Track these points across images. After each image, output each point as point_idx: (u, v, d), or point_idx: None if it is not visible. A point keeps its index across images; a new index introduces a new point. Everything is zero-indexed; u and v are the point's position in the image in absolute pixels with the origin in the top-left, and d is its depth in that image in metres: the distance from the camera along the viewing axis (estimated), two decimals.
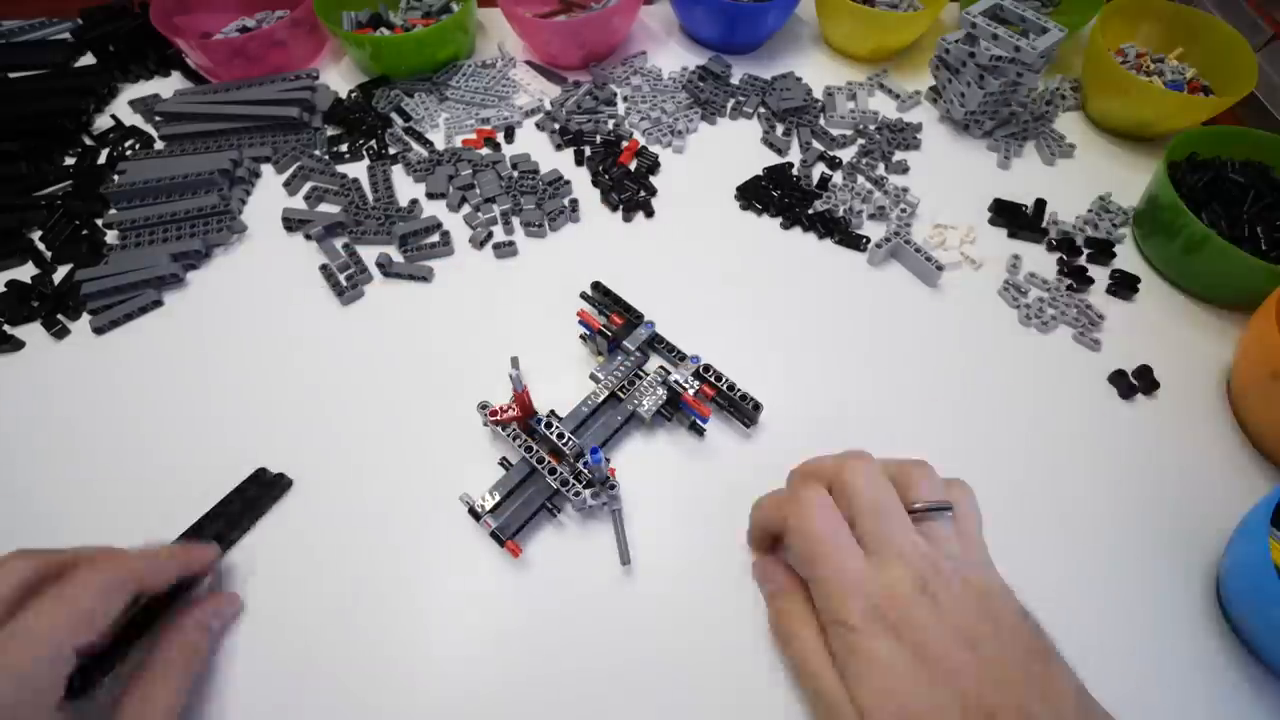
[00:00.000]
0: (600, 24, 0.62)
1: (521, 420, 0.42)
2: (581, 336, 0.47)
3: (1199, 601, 0.38)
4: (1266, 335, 0.41)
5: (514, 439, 0.41)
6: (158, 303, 0.49)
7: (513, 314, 0.49)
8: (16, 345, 0.47)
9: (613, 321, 0.45)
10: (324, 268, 0.51)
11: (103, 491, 0.41)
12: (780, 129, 0.62)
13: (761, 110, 0.63)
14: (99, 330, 0.48)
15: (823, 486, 0.32)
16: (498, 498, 0.39)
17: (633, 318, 0.46)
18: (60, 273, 0.51)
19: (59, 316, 0.48)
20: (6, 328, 0.47)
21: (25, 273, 0.51)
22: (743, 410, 0.43)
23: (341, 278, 0.50)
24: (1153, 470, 0.43)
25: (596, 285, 0.49)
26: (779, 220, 0.55)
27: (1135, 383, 0.46)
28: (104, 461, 0.42)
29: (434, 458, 0.42)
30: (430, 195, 0.56)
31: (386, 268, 0.51)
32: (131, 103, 0.62)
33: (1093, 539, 0.41)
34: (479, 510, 0.39)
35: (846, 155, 0.60)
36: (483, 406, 0.42)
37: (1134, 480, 0.43)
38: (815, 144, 0.60)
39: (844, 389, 0.46)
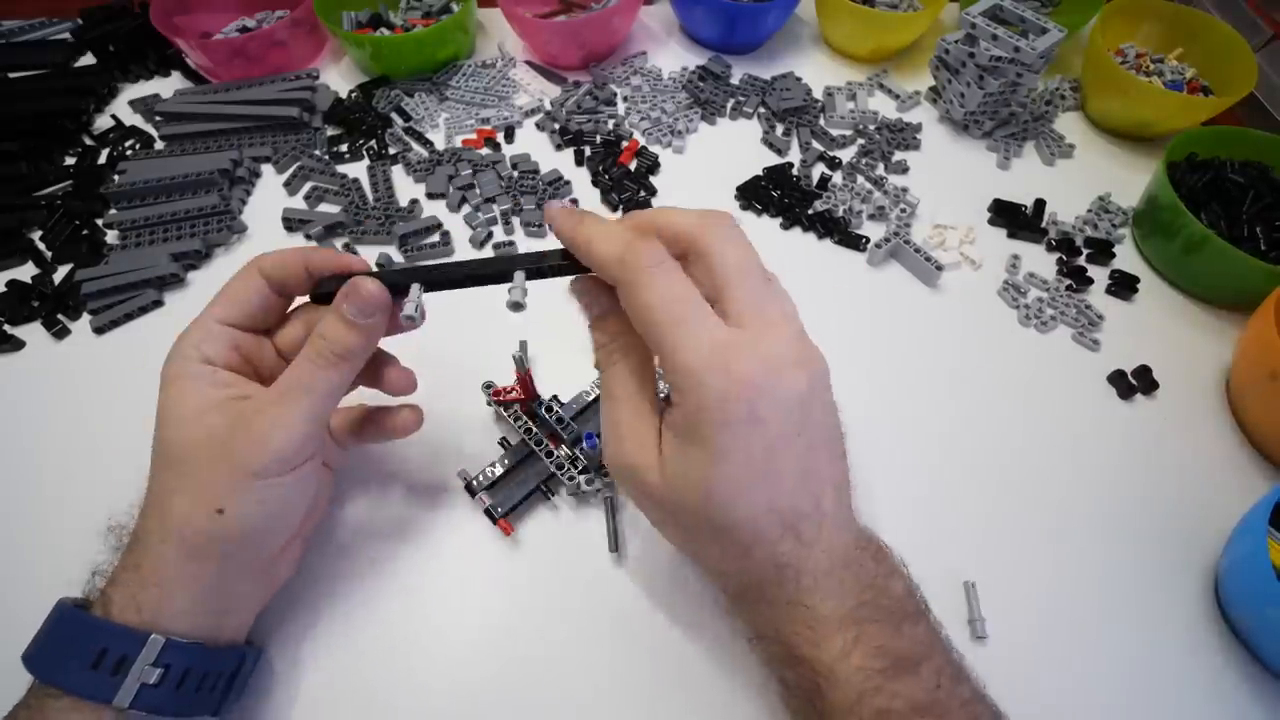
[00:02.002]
0: (600, 24, 0.62)
1: (524, 403, 0.42)
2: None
3: (1198, 601, 0.38)
4: (1265, 335, 0.41)
5: (515, 420, 0.41)
6: (158, 303, 0.49)
7: (513, 313, 0.49)
8: (16, 345, 0.47)
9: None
10: None
11: (102, 492, 0.41)
12: (780, 129, 0.62)
13: (761, 110, 0.63)
14: (99, 330, 0.48)
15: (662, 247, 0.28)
16: (495, 476, 0.40)
17: None
18: (60, 273, 0.51)
19: (59, 316, 0.48)
20: (6, 328, 0.47)
21: (25, 273, 0.51)
22: None
23: None
24: (1152, 470, 0.43)
25: None
26: (779, 220, 0.55)
27: (1134, 383, 0.47)
28: (104, 462, 0.42)
29: (432, 439, 0.43)
30: (430, 195, 0.56)
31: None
32: (131, 103, 0.62)
33: (1091, 539, 0.41)
34: (474, 486, 0.39)
35: (846, 155, 0.60)
36: (487, 386, 0.43)
37: (1133, 480, 0.43)
38: (815, 144, 0.60)
39: (842, 389, 0.46)
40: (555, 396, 0.43)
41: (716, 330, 0.26)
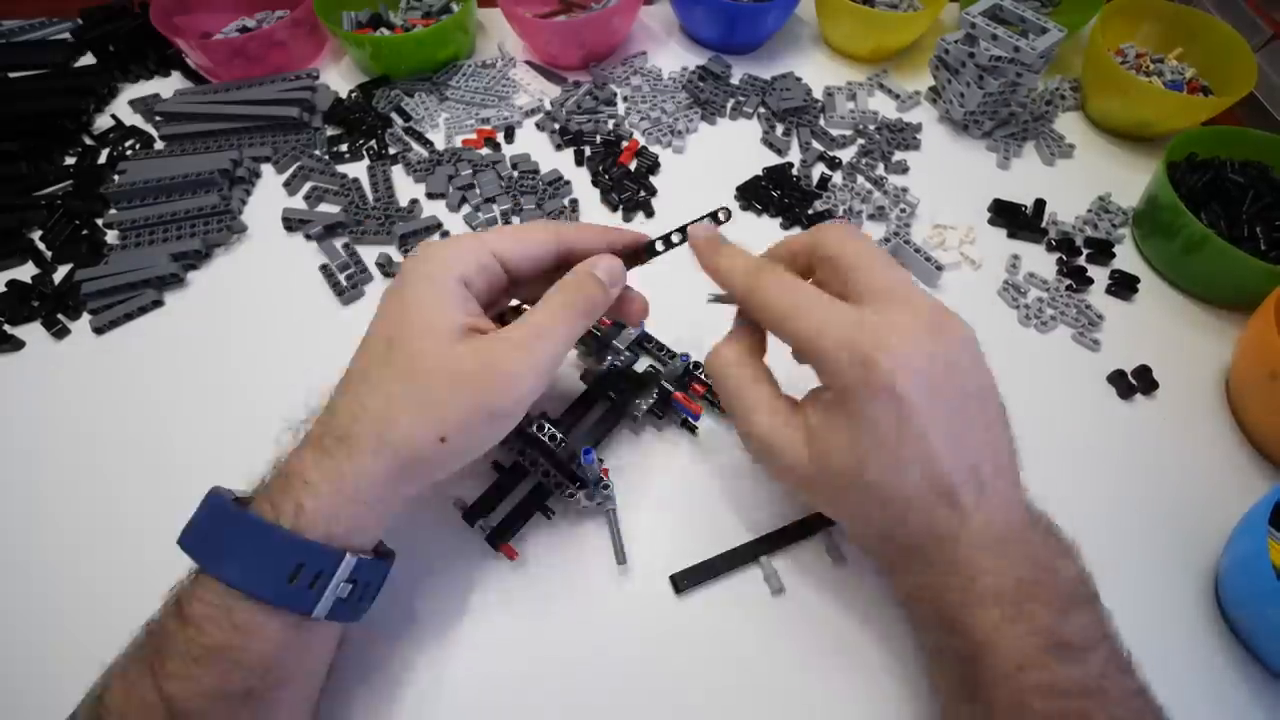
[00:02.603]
0: (600, 24, 0.62)
1: None
2: None
3: (1198, 601, 0.38)
4: (1265, 335, 0.41)
5: (504, 443, 0.40)
6: (158, 303, 0.49)
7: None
8: (16, 345, 0.47)
9: (600, 323, 0.44)
10: (324, 268, 0.51)
11: (101, 492, 0.41)
12: (780, 129, 0.62)
13: (761, 110, 0.63)
14: (99, 330, 0.48)
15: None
16: (491, 501, 0.39)
17: (618, 320, 0.45)
18: (60, 273, 0.51)
19: (59, 316, 0.48)
20: (6, 328, 0.47)
21: (25, 273, 0.51)
22: None
23: (341, 278, 0.50)
24: (1152, 470, 0.43)
25: None
26: (779, 220, 0.55)
27: (1134, 383, 0.47)
28: (103, 462, 0.42)
29: None
30: (430, 195, 0.56)
31: (387, 268, 0.51)
32: (131, 103, 0.62)
33: (1091, 539, 0.40)
34: (473, 514, 0.39)
35: (846, 155, 0.60)
36: None
37: (1133, 480, 0.43)
38: (815, 144, 0.60)
39: None
40: (544, 413, 0.41)
41: (846, 312, 0.28)
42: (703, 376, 0.43)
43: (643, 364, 0.46)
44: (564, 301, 0.31)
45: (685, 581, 0.38)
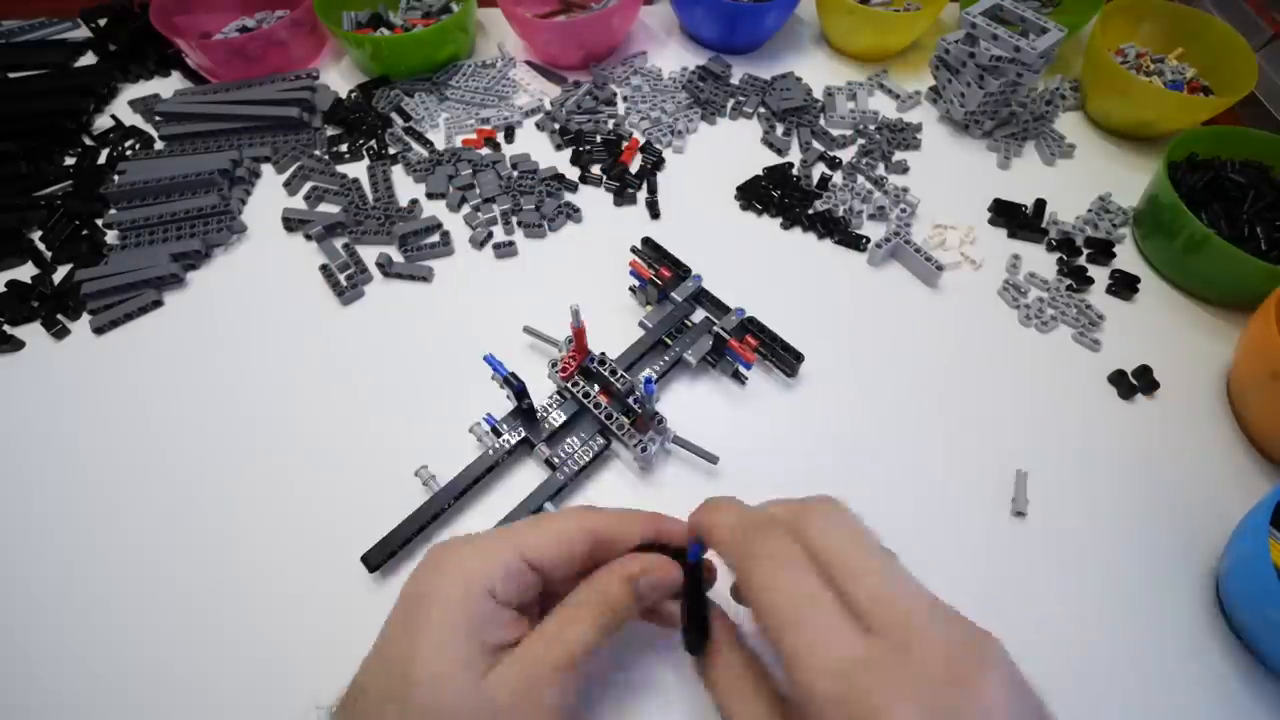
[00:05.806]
0: (600, 24, 0.62)
1: (578, 364, 0.44)
2: (631, 289, 0.49)
3: (1199, 602, 0.38)
4: (1266, 335, 0.41)
5: (574, 386, 0.43)
6: (158, 303, 0.49)
7: (513, 312, 0.49)
8: (16, 345, 0.47)
9: (661, 275, 0.48)
10: (324, 268, 0.51)
11: (101, 492, 0.41)
12: (780, 129, 0.62)
13: (761, 110, 0.63)
14: (99, 330, 0.48)
15: (789, 540, 0.24)
16: (555, 426, 0.42)
17: (681, 272, 0.49)
18: (60, 273, 0.51)
19: (59, 316, 0.48)
20: (6, 328, 0.47)
21: (25, 273, 0.51)
22: (784, 360, 0.45)
23: (341, 278, 0.50)
24: (1153, 470, 0.43)
25: (646, 240, 0.50)
26: (779, 220, 0.55)
27: (1135, 383, 0.46)
28: (103, 461, 0.42)
29: (435, 455, 0.42)
30: (430, 195, 0.56)
31: (386, 268, 0.51)
32: (131, 103, 0.62)
33: (1092, 539, 0.41)
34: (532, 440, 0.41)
35: (846, 155, 0.60)
36: (553, 364, 0.44)
37: (1134, 480, 0.43)
38: (815, 144, 0.60)
39: (842, 390, 0.46)
40: (604, 353, 0.43)
41: (848, 643, 0.21)
42: (756, 330, 0.45)
43: (698, 316, 0.49)
44: (595, 617, 0.27)
45: None
